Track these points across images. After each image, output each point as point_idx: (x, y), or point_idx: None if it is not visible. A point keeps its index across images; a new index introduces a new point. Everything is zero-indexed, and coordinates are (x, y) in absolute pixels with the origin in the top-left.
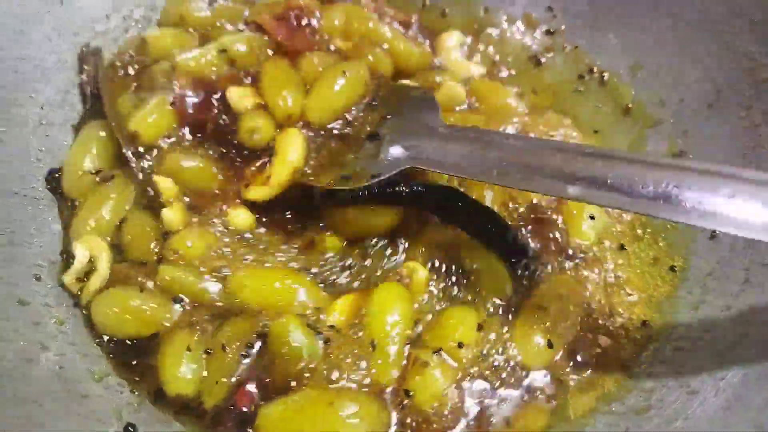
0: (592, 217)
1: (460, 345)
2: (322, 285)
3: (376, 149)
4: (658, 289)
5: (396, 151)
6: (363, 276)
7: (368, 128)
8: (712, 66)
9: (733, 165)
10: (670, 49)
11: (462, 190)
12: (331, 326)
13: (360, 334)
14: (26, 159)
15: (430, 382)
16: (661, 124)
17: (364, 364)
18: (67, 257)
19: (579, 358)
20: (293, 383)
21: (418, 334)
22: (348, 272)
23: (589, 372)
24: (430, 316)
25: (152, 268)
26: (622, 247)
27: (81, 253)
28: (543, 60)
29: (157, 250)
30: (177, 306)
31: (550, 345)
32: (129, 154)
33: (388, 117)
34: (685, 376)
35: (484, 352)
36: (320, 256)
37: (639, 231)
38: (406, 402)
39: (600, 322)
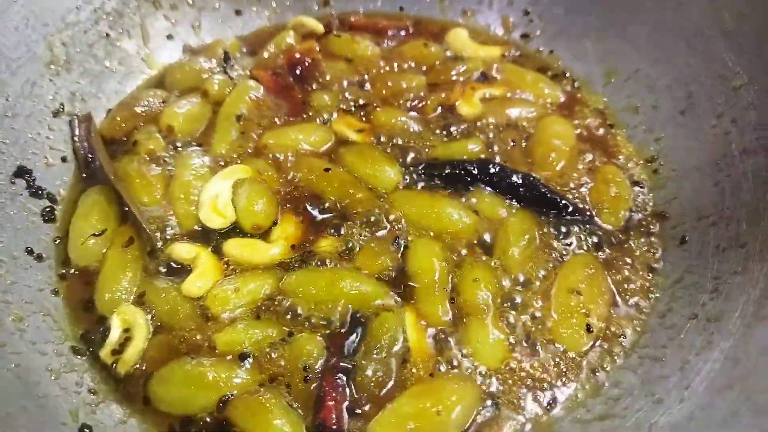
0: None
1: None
2: None
3: None
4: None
5: None
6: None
7: None
8: (685, 73)
9: (703, 172)
10: (645, 55)
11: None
12: None
13: None
14: None
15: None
16: (635, 129)
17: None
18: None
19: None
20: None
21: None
22: None
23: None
24: None
25: (194, 330)
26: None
27: (116, 325)
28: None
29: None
30: (245, 363)
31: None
32: (137, 213)
33: None
34: (651, 385)
35: None
36: None
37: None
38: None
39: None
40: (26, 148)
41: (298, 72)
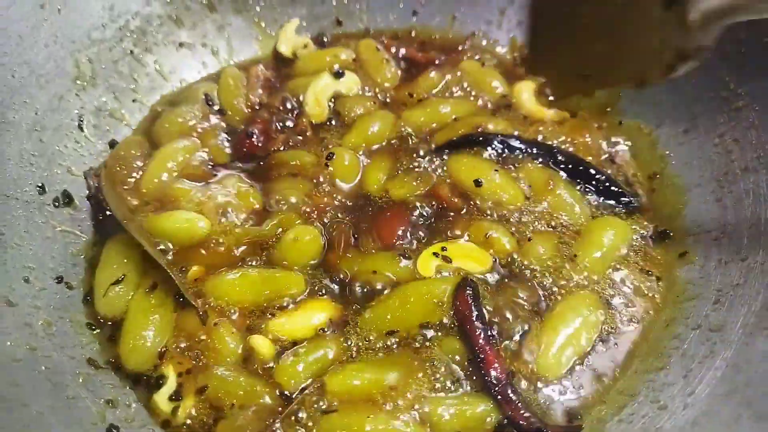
0: None
1: None
2: None
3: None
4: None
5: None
6: None
7: None
8: (689, 93)
9: (706, 189)
10: None
11: None
12: None
13: None
14: (19, 163)
15: None
16: (639, 147)
17: None
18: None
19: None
20: None
21: None
22: None
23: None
24: None
25: None
26: None
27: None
28: None
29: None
30: None
31: None
32: (162, 261)
33: None
34: (655, 392)
35: None
36: None
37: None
38: None
39: None
40: (53, 159)
41: None
